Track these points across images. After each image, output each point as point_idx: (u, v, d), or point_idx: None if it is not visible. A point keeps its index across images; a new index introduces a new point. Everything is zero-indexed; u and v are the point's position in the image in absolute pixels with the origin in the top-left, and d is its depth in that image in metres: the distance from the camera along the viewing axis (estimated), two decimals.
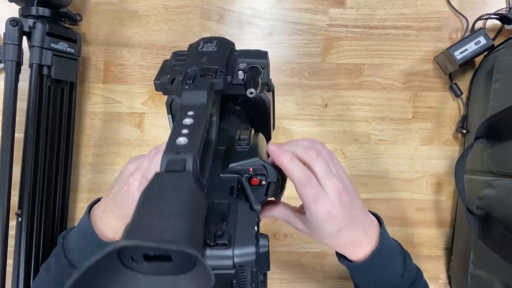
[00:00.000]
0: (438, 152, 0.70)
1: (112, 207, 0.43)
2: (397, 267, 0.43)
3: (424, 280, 0.49)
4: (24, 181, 0.58)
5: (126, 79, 0.70)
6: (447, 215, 0.70)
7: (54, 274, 0.46)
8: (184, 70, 0.39)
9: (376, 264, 0.42)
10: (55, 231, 0.63)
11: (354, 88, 0.70)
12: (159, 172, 0.27)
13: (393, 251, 0.44)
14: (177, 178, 0.26)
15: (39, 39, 0.58)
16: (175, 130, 0.30)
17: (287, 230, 0.70)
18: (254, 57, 0.43)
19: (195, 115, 0.32)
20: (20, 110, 0.57)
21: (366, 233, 0.41)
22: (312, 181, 0.36)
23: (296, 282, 0.70)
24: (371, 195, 0.70)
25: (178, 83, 0.37)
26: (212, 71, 0.38)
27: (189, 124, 0.31)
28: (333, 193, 0.37)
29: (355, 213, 0.39)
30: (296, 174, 0.36)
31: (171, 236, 0.20)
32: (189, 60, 0.42)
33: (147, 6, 0.69)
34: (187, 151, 0.28)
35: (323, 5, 0.70)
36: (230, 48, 0.44)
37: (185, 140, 0.29)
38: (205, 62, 0.40)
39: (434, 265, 0.70)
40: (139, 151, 0.69)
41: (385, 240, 0.42)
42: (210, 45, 0.44)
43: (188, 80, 0.37)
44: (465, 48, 0.63)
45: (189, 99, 0.35)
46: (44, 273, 0.48)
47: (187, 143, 0.29)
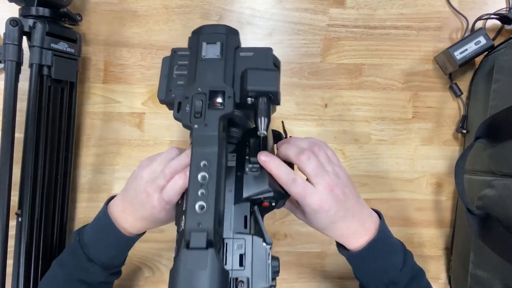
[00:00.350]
0: (438, 152, 0.70)
1: (131, 210, 0.46)
2: (396, 261, 0.45)
3: (427, 280, 0.49)
4: (24, 181, 0.58)
5: (126, 79, 0.70)
6: (447, 215, 0.70)
7: (70, 270, 0.48)
8: (190, 94, 0.39)
9: (373, 254, 0.44)
10: (55, 231, 0.63)
11: (354, 88, 0.70)
12: (185, 250, 0.32)
13: (392, 246, 0.46)
14: (201, 257, 0.32)
15: (39, 39, 0.58)
16: (192, 190, 0.35)
17: (287, 230, 0.70)
18: (264, 81, 0.39)
19: (208, 167, 0.36)
20: (20, 110, 0.57)
21: (363, 225, 0.44)
22: (297, 181, 0.41)
23: (296, 282, 0.70)
24: (371, 195, 0.70)
25: (187, 117, 0.38)
26: (219, 96, 0.39)
27: (205, 183, 0.35)
28: (324, 189, 0.41)
29: (349, 206, 0.43)
30: (282, 178, 0.41)
31: None
32: (192, 72, 0.41)
33: (147, 6, 0.69)
34: (207, 225, 0.33)
35: (323, 5, 0.70)
36: (235, 47, 0.42)
37: (203, 204, 0.34)
38: (211, 80, 0.39)
39: (434, 265, 0.70)
40: (139, 151, 0.69)
41: (383, 233, 0.45)
42: (213, 50, 0.41)
43: (196, 114, 0.38)
44: (465, 48, 0.63)
45: (201, 143, 0.37)
46: (59, 270, 0.50)
47: (206, 211, 0.34)
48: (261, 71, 0.40)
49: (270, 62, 0.41)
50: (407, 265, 0.46)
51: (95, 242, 0.48)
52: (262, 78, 0.39)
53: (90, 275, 0.48)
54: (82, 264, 0.47)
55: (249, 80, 0.39)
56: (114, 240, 0.47)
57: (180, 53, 0.42)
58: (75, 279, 0.48)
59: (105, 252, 0.48)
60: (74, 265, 0.48)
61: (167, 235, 0.69)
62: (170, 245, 0.69)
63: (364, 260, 0.45)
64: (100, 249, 0.48)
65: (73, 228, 0.69)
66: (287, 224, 0.70)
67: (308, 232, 0.70)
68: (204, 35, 0.42)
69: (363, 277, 0.48)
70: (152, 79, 0.70)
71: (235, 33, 0.43)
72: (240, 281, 0.36)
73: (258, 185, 0.41)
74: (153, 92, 0.70)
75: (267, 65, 0.41)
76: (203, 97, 0.39)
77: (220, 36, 0.42)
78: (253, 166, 0.42)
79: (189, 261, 0.32)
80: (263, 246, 0.38)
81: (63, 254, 0.51)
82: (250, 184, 0.41)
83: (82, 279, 0.48)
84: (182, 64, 0.41)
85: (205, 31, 0.42)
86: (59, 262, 0.51)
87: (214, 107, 0.38)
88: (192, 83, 0.40)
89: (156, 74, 0.69)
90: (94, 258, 0.47)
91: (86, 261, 0.47)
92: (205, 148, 0.36)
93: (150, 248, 0.69)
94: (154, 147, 0.69)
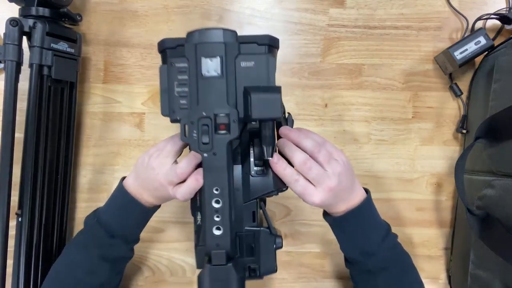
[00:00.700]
0: (438, 152, 0.70)
1: (144, 190, 0.51)
2: (375, 235, 0.51)
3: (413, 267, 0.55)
4: (24, 181, 0.58)
5: (126, 79, 0.70)
6: (447, 215, 0.70)
7: (91, 249, 0.53)
8: (195, 118, 0.41)
9: (353, 221, 0.50)
10: (55, 231, 0.63)
11: (354, 88, 0.70)
12: (209, 266, 0.41)
13: (375, 221, 0.52)
14: (222, 271, 0.40)
15: (39, 39, 0.58)
16: (209, 215, 0.41)
17: (287, 230, 0.70)
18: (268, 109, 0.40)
19: (220, 193, 0.41)
20: (20, 110, 0.57)
21: (348, 200, 0.49)
22: (299, 182, 0.46)
23: (296, 282, 0.70)
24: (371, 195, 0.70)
25: (195, 144, 0.41)
26: (224, 119, 0.41)
27: (219, 208, 0.41)
28: (323, 191, 0.46)
29: (343, 194, 0.48)
30: (286, 179, 0.46)
31: None
32: (194, 92, 0.41)
33: (147, 6, 0.69)
34: (224, 244, 0.41)
35: (323, 5, 0.70)
36: (235, 56, 0.41)
37: (219, 230, 0.41)
38: (214, 103, 0.41)
39: (434, 265, 0.70)
40: (139, 151, 0.69)
41: (366, 207, 0.51)
42: (213, 65, 0.41)
43: (204, 142, 0.41)
44: (465, 48, 0.63)
45: (211, 170, 0.41)
46: (77, 252, 0.54)
47: (222, 234, 0.41)
48: (264, 95, 0.40)
49: (273, 74, 0.42)
50: (387, 242, 0.52)
51: (117, 218, 0.53)
52: (266, 105, 0.40)
53: (113, 251, 0.54)
54: (105, 242, 0.52)
55: (253, 109, 0.39)
56: (138, 213, 0.53)
57: (178, 65, 0.41)
58: (97, 257, 0.53)
59: (128, 226, 0.54)
60: (96, 244, 0.53)
61: (167, 235, 0.69)
62: (170, 245, 0.69)
63: (343, 226, 0.51)
64: (123, 224, 0.53)
65: (73, 228, 0.69)
66: (287, 224, 0.70)
67: (308, 232, 0.70)
68: (201, 45, 0.41)
69: (343, 244, 0.54)
70: (152, 79, 0.70)
71: (233, 38, 0.42)
72: (252, 269, 0.46)
73: (264, 186, 0.47)
74: (153, 92, 0.70)
75: (268, 80, 0.42)
76: (208, 121, 0.41)
77: (219, 48, 0.41)
78: (258, 169, 0.47)
79: (212, 275, 0.41)
80: (269, 236, 0.47)
81: (78, 238, 0.55)
82: (257, 186, 0.46)
83: (105, 256, 0.53)
84: (182, 80, 0.41)
85: (202, 39, 0.41)
86: (77, 245, 0.55)
87: (220, 133, 0.41)
88: (195, 106, 0.41)
89: (156, 74, 0.69)
90: (116, 234, 0.53)
91: (108, 238, 0.52)
92: (215, 175, 0.41)
93: (150, 248, 0.69)
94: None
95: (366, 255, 0.51)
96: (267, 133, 0.43)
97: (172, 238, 0.70)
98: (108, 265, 0.53)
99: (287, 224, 0.70)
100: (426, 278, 0.70)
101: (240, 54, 0.41)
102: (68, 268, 0.54)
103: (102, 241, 0.53)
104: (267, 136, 0.43)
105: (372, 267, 0.51)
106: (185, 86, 0.41)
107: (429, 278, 0.70)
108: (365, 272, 0.52)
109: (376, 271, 0.51)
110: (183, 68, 0.41)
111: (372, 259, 0.51)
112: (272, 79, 0.42)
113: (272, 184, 0.47)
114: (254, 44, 0.42)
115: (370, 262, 0.51)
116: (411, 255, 0.69)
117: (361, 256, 0.51)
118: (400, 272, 0.53)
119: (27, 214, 0.58)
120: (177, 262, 0.70)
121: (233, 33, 0.42)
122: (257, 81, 0.42)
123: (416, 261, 0.69)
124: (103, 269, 0.53)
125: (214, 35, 0.41)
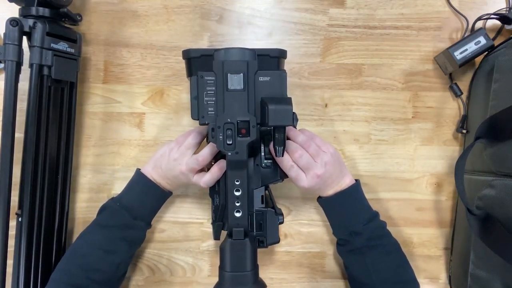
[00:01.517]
0: (438, 152, 0.70)
1: (163, 178, 0.60)
2: (362, 217, 0.58)
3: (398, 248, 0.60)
4: (24, 181, 0.58)
5: (126, 79, 0.70)
6: (447, 215, 0.70)
7: (113, 230, 0.58)
8: (221, 123, 0.51)
9: (342, 203, 0.58)
10: (55, 231, 0.63)
11: (354, 88, 0.70)
12: (230, 240, 0.53)
13: (363, 205, 0.59)
14: (241, 244, 0.54)
15: (39, 39, 0.58)
16: (231, 201, 0.54)
17: (287, 230, 0.70)
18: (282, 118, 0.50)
19: (240, 184, 0.53)
20: (20, 110, 0.57)
21: (336, 186, 0.57)
22: (293, 168, 0.54)
23: (296, 282, 0.70)
24: (371, 195, 0.70)
25: (221, 145, 0.51)
26: (245, 125, 0.51)
27: (239, 195, 0.54)
28: (311, 178, 0.54)
29: (331, 180, 0.56)
30: (283, 165, 0.55)
31: None
32: (220, 102, 0.51)
33: (147, 6, 0.69)
34: (243, 223, 0.54)
35: (323, 5, 0.70)
36: (254, 73, 0.51)
37: (239, 213, 0.54)
38: (237, 111, 0.51)
39: (434, 265, 0.70)
40: (139, 151, 0.69)
41: (355, 191, 0.58)
42: (237, 81, 0.51)
43: (228, 143, 0.51)
44: (465, 48, 0.63)
45: (233, 167, 0.53)
46: (99, 232, 0.59)
47: (241, 215, 0.54)
48: (279, 106, 0.50)
49: (285, 87, 0.53)
50: (374, 223, 0.58)
51: (138, 202, 0.60)
52: (280, 115, 0.50)
53: (135, 232, 0.60)
54: (127, 223, 0.59)
55: (270, 118, 0.49)
56: (157, 197, 0.61)
57: (207, 78, 0.51)
58: (119, 238, 0.58)
59: (147, 209, 0.61)
60: (120, 226, 0.58)
61: (167, 235, 0.69)
62: (170, 245, 0.70)
63: (332, 206, 0.59)
64: (144, 207, 0.60)
65: (73, 228, 0.69)
66: (287, 224, 0.70)
67: (308, 232, 0.70)
68: (227, 63, 0.51)
69: (333, 225, 0.61)
70: (152, 79, 0.70)
71: (254, 56, 0.52)
72: (261, 240, 0.57)
73: (272, 175, 0.57)
74: (153, 92, 0.70)
75: (282, 92, 0.52)
76: (232, 126, 0.51)
77: (242, 66, 0.51)
78: (267, 162, 0.57)
79: (233, 247, 0.53)
80: (275, 216, 0.57)
81: (99, 221, 0.60)
82: (266, 176, 0.57)
83: (126, 237, 0.59)
84: (210, 91, 0.51)
85: (228, 57, 0.51)
86: (98, 226, 0.59)
87: (242, 136, 0.51)
88: (222, 113, 0.51)
89: (156, 74, 0.69)
90: (138, 216, 0.59)
91: (131, 219, 0.59)
92: (237, 170, 0.53)
93: (150, 248, 0.70)
94: (154, 147, 0.69)
95: (354, 234, 0.57)
96: (280, 137, 0.52)
97: (172, 238, 0.70)
98: (127, 246, 0.59)
99: (287, 224, 0.70)
100: (426, 278, 0.70)
101: (258, 70, 0.52)
102: (90, 247, 0.58)
103: (125, 223, 0.58)
104: (280, 140, 0.52)
105: (360, 245, 0.57)
106: (213, 96, 0.51)
107: (429, 278, 0.70)
108: (354, 252, 0.58)
109: (364, 251, 0.57)
110: (211, 80, 0.51)
111: (359, 237, 0.57)
112: (284, 92, 0.53)
113: (278, 175, 0.57)
114: (267, 56, 0.53)
115: (358, 240, 0.57)
116: (411, 255, 0.70)
117: (350, 236, 0.58)
118: (387, 252, 0.58)
119: (27, 214, 0.58)
120: (177, 262, 0.70)
121: (253, 52, 0.52)
122: (272, 93, 0.52)
123: (416, 261, 0.70)
124: (122, 250, 0.59)
125: (238, 54, 0.51)
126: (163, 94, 0.70)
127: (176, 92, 0.70)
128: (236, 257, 0.53)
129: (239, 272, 0.53)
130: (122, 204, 0.59)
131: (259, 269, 0.56)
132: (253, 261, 0.54)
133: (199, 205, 0.70)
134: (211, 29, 0.70)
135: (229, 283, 0.53)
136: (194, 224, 0.70)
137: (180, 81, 0.69)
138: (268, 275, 0.70)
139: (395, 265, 0.58)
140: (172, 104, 0.70)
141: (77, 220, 0.69)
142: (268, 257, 0.70)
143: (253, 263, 0.54)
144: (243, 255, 0.53)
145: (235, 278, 0.53)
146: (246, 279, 0.53)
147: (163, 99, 0.69)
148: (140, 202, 0.60)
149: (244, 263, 0.53)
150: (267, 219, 0.57)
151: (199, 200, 0.70)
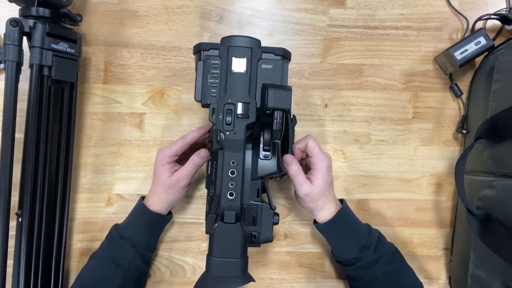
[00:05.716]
0: (438, 152, 0.70)
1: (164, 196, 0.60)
2: (362, 229, 0.59)
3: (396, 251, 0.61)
4: (24, 181, 0.58)
5: (126, 79, 0.70)
6: (447, 215, 0.70)
7: (108, 253, 0.60)
8: (222, 103, 0.52)
9: (340, 223, 0.58)
10: (55, 231, 0.63)
11: (354, 89, 0.70)
12: (221, 223, 0.50)
13: (355, 221, 0.60)
14: (232, 228, 0.50)
15: (39, 40, 0.58)
16: (225, 182, 0.52)
17: (287, 230, 0.70)
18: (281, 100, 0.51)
19: (236, 165, 0.52)
20: (20, 111, 0.57)
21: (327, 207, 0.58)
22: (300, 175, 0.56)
23: (296, 282, 0.70)
24: (371, 195, 0.70)
25: (220, 124, 0.52)
26: (245, 107, 0.52)
27: (234, 177, 0.52)
28: (316, 186, 0.56)
29: (327, 193, 0.58)
30: (290, 171, 0.57)
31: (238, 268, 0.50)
32: (223, 83, 0.53)
33: (147, 6, 0.69)
34: (235, 206, 0.51)
35: (323, 5, 0.70)
36: (258, 59, 0.53)
37: (232, 193, 0.51)
38: (238, 93, 0.52)
39: (434, 265, 0.70)
40: (139, 151, 0.69)
41: (345, 210, 0.59)
42: (240, 64, 0.52)
43: (227, 122, 0.52)
44: (465, 48, 0.63)
45: (230, 147, 0.52)
46: (100, 252, 0.61)
47: (234, 198, 0.51)
48: (279, 90, 0.51)
49: (286, 76, 0.54)
50: (373, 233, 0.59)
51: (131, 223, 0.61)
52: (280, 97, 0.51)
53: (121, 251, 0.60)
54: (118, 243, 0.60)
55: (269, 99, 0.51)
56: (150, 220, 0.61)
57: (213, 62, 0.53)
58: (113, 258, 0.59)
59: (139, 229, 0.61)
60: (111, 246, 0.60)
61: (167, 235, 0.69)
62: (170, 245, 0.70)
63: (333, 229, 0.59)
64: (133, 227, 0.61)
65: (73, 228, 0.69)
66: (287, 224, 0.70)
67: (308, 232, 0.70)
68: (233, 48, 0.52)
69: (337, 246, 0.60)
70: (152, 79, 0.70)
71: (258, 45, 0.54)
72: (253, 235, 0.55)
73: (270, 168, 0.57)
74: (153, 92, 0.70)
75: (282, 81, 0.53)
76: (232, 107, 0.52)
77: (246, 51, 0.52)
78: (266, 154, 0.57)
79: (223, 231, 0.50)
80: (269, 211, 0.56)
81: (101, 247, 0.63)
82: (264, 167, 0.57)
83: (114, 258, 0.59)
84: (215, 74, 0.53)
85: (234, 43, 0.53)
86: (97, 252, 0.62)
87: (241, 117, 0.52)
88: (224, 94, 0.52)
89: (156, 74, 0.69)
90: (125, 236, 0.60)
91: (119, 239, 0.60)
92: (233, 150, 0.52)
93: None
94: (154, 147, 0.69)
95: (364, 248, 0.57)
96: (278, 120, 0.52)
97: (172, 238, 0.70)
98: None
99: (287, 224, 0.70)
100: (426, 278, 0.70)
101: (261, 58, 0.53)
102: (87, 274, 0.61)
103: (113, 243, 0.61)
104: (278, 123, 0.52)
105: (370, 258, 0.57)
106: (217, 78, 0.52)
107: (429, 278, 0.70)
108: (364, 267, 0.57)
109: (374, 263, 0.57)
110: (216, 64, 0.53)
111: (368, 251, 0.57)
112: (285, 81, 0.54)
113: (276, 167, 0.57)
114: (271, 54, 0.54)
115: (367, 254, 0.57)
116: (411, 255, 0.70)
117: (360, 252, 0.57)
118: (389, 260, 0.58)
119: (27, 214, 0.58)
120: (177, 262, 0.70)
121: (258, 41, 0.54)
122: (273, 81, 0.53)
123: (416, 261, 0.70)
124: None
125: (244, 41, 0.53)
126: (163, 95, 0.70)
127: (176, 93, 0.70)
128: (226, 241, 0.50)
129: (228, 258, 0.50)
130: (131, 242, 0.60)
131: (259, 269, 0.56)
132: (243, 249, 0.51)
133: (199, 205, 0.70)
134: (211, 29, 0.70)
135: (216, 269, 0.50)
136: (194, 224, 0.70)
137: (180, 82, 0.69)
138: (268, 275, 0.70)
139: (399, 271, 0.59)
140: (172, 105, 0.70)
141: (77, 220, 0.69)
142: (268, 257, 0.70)
143: (243, 251, 0.51)
144: (233, 240, 0.50)
145: (223, 264, 0.50)
146: (234, 266, 0.50)
147: (163, 99, 0.70)
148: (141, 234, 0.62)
149: (234, 249, 0.50)
150: (262, 213, 0.56)
151: (199, 200, 0.70)
